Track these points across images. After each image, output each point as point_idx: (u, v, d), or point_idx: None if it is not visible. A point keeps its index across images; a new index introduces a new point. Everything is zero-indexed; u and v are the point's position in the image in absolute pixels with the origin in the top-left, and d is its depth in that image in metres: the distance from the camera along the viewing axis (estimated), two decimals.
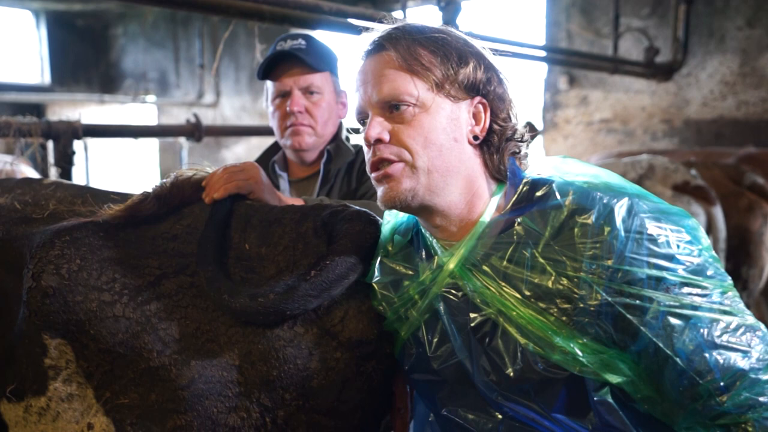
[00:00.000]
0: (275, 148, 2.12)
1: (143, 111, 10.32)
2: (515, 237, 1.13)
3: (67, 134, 2.24)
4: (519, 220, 1.14)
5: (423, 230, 1.28)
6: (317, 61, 1.92)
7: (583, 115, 5.50)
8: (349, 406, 1.29)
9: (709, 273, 1.05)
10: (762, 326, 1.06)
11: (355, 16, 2.54)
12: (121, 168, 10.52)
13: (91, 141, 6.86)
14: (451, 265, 1.18)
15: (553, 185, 1.14)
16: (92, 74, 10.76)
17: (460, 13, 2.92)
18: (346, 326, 1.27)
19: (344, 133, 2.06)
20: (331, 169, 1.96)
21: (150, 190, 1.36)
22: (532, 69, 6.02)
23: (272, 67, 1.94)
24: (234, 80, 8.74)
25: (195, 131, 2.72)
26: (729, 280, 1.08)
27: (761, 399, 1.00)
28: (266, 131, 3.29)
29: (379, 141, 1.17)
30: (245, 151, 8.62)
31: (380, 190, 1.20)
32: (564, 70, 5.55)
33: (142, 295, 1.26)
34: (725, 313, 1.03)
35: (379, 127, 1.17)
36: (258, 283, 1.28)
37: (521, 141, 1.24)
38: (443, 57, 1.17)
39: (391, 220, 1.37)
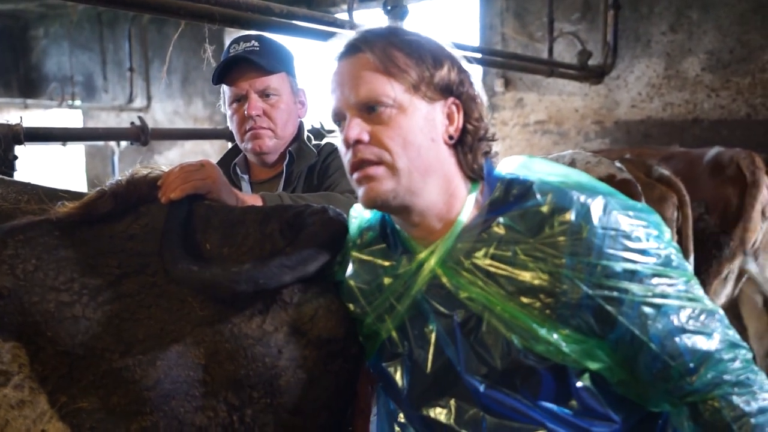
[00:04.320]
0: (236, 150, 2.09)
1: (69, 116, 9.90)
2: (496, 236, 1.16)
3: (7, 138, 2.13)
4: (500, 220, 1.17)
5: (398, 228, 1.29)
6: (272, 62, 1.90)
7: (519, 117, 5.65)
8: (316, 405, 1.29)
9: (674, 264, 1.13)
10: (720, 310, 1.15)
11: (306, 18, 2.53)
12: (45, 175, 10.06)
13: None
14: (432, 262, 1.21)
15: (533, 186, 1.18)
16: (11, 77, 10.23)
17: (407, 17, 2.95)
18: (316, 324, 1.27)
19: (305, 133, 2.05)
20: (294, 171, 1.95)
21: (106, 187, 1.33)
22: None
23: (227, 72, 1.91)
24: (165, 84, 8.51)
25: (141, 135, 2.64)
26: (690, 269, 1.16)
27: (725, 377, 1.09)
28: (216, 134, 3.24)
29: (358, 142, 1.18)
30: (178, 155, 8.39)
31: (361, 191, 1.21)
32: (500, 73, 5.69)
33: (102, 295, 1.23)
34: (690, 300, 1.11)
35: (358, 128, 1.18)
36: None
37: (492, 140, 1.28)
38: (418, 59, 1.19)
39: (357, 216, 1.38)
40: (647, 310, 1.09)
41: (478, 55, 4.11)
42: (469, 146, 1.23)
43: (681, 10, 4.81)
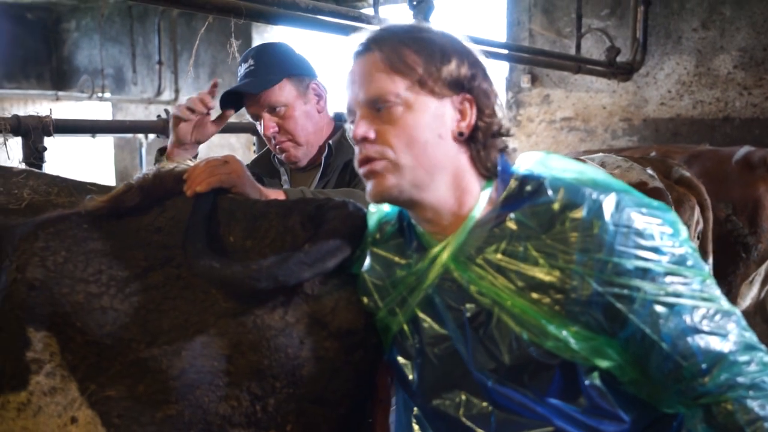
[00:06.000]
0: None
1: (99, 108, 10.04)
2: (508, 231, 1.17)
3: (37, 130, 2.18)
4: (512, 215, 1.18)
5: (414, 223, 1.30)
6: (268, 76, 1.93)
7: (545, 114, 5.60)
8: (337, 395, 1.31)
9: (689, 263, 1.11)
10: (737, 311, 1.12)
11: (331, 14, 2.54)
12: (75, 167, 10.22)
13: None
14: (445, 256, 1.21)
15: (545, 182, 1.18)
16: (44, 70, 10.42)
17: (432, 12, 2.94)
18: (336, 316, 1.29)
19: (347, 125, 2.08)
20: (331, 164, 1.99)
21: (133, 181, 1.36)
22: (494, 68, 6.08)
23: (238, 98, 1.97)
24: (193, 77, 8.59)
25: (167, 127, 2.66)
26: (707, 269, 1.14)
27: (739, 379, 1.07)
28: (242, 128, 3.26)
29: (365, 139, 1.20)
30: (205, 148, 8.38)
31: (368, 186, 1.23)
32: (526, 69, 5.64)
33: (129, 287, 1.26)
34: (705, 300, 1.10)
35: (364, 126, 1.20)
36: None
37: (508, 135, 1.28)
38: (427, 55, 1.19)
39: (377, 210, 1.39)
40: (659, 308, 1.08)
41: (505, 51, 4.08)
42: (481, 143, 1.23)
43: (713, 6, 4.73)
